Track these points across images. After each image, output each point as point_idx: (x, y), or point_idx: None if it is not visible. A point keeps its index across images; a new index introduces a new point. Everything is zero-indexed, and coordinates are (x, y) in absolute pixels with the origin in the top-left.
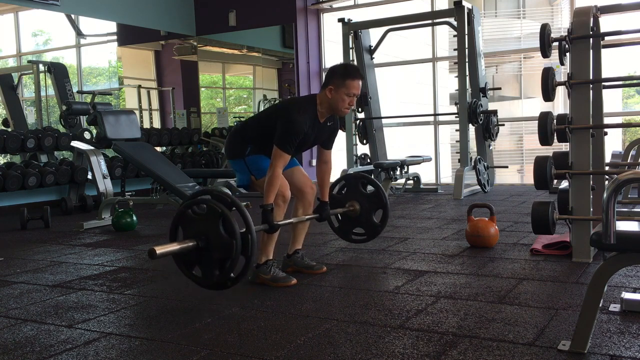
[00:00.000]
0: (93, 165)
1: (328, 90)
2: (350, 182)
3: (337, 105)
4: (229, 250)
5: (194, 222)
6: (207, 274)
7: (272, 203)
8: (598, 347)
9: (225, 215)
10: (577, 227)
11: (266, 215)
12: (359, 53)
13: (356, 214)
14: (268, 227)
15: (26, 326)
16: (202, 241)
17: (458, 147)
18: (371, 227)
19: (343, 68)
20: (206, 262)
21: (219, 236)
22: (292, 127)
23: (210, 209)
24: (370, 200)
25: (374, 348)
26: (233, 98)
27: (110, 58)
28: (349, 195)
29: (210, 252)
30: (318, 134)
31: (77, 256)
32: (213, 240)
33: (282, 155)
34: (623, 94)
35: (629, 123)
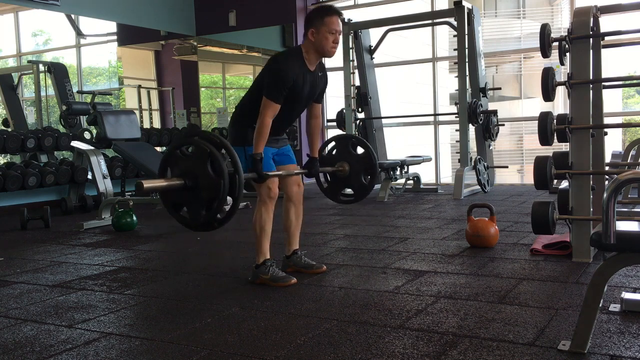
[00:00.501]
0: (93, 165)
1: (310, 34)
2: (340, 142)
3: (323, 46)
4: (217, 190)
5: (183, 162)
6: (194, 214)
7: (261, 152)
8: (598, 347)
9: (214, 155)
10: (577, 227)
11: (255, 164)
12: (359, 53)
13: (345, 174)
14: (257, 176)
15: (26, 326)
16: (189, 180)
17: (458, 147)
18: (360, 188)
19: (319, 9)
20: (193, 202)
21: (207, 176)
22: (278, 74)
23: (199, 148)
24: (359, 161)
25: (374, 348)
26: (233, 98)
27: (110, 58)
28: (339, 156)
29: (197, 192)
30: (311, 86)
31: (77, 256)
32: (201, 179)
33: (270, 104)
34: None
35: (629, 123)
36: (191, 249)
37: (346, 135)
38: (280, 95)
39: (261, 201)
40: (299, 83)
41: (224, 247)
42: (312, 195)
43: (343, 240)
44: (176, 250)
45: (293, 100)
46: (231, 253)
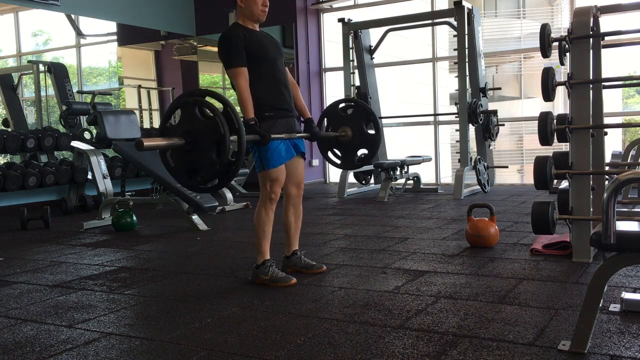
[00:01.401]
0: (93, 165)
1: (239, 2)
2: (357, 110)
3: (252, 10)
4: (217, 130)
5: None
6: (209, 168)
7: (253, 117)
8: (598, 347)
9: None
10: (577, 227)
11: (252, 128)
12: (359, 53)
13: (349, 138)
14: (259, 138)
15: (26, 326)
16: (188, 136)
17: (458, 147)
18: (349, 160)
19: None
20: (204, 157)
21: (209, 155)
22: (227, 40)
23: (184, 104)
24: (364, 138)
25: (374, 348)
26: (233, 98)
27: (110, 58)
28: (349, 119)
29: (201, 144)
30: (269, 42)
31: (77, 256)
32: (202, 153)
33: (235, 70)
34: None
35: (629, 123)
36: (191, 249)
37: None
38: (238, 57)
39: (262, 202)
40: (253, 42)
41: (224, 247)
42: (312, 195)
43: (343, 240)
44: (176, 250)
45: (263, 59)
46: (231, 253)
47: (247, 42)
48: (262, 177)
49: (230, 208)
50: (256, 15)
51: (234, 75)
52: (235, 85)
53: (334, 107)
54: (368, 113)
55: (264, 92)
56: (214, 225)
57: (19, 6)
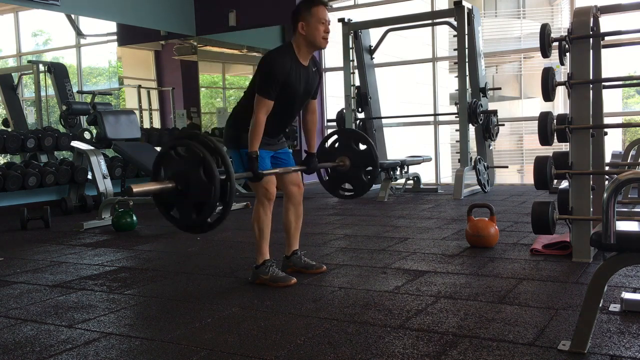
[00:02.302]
0: (93, 165)
1: (300, 27)
2: (342, 137)
3: (315, 37)
4: (207, 196)
5: (176, 164)
6: (184, 216)
7: (256, 151)
8: (598, 347)
9: (206, 160)
10: (577, 227)
11: (251, 162)
12: (359, 53)
13: (345, 169)
14: (252, 175)
15: (26, 326)
16: (181, 183)
17: (458, 147)
18: (360, 184)
19: (304, 1)
20: (184, 204)
21: (199, 180)
22: (269, 69)
23: (192, 152)
24: (361, 157)
25: (374, 348)
26: (233, 98)
27: (110, 58)
28: (340, 150)
29: (188, 195)
30: (306, 82)
31: (77, 256)
32: (192, 183)
33: (263, 101)
34: (623, 94)
35: (629, 123)
36: (191, 249)
37: (349, 130)
38: (272, 91)
39: (259, 202)
40: (292, 79)
41: (224, 247)
42: (312, 195)
43: (343, 240)
44: (176, 250)
45: (288, 97)
46: (231, 253)
47: (287, 76)
48: (253, 186)
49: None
50: (318, 43)
51: (259, 103)
52: (255, 110)
53: (322, 150)
54: (374, 162)
55: (268, 122)
56: None
57: (19, 6)
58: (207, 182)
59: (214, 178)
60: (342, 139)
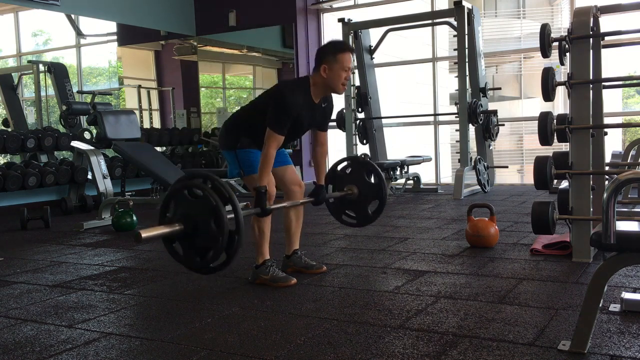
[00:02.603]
0: (93, 165)
1: (322, 70)
2: (355, 165)
3: (335, 83)
4: (214, 244)
5: (186, 205)
6: (188, 257)
7: (265, 185)
8: (598, 347)
9: (219, 210)
10: (577, 227)
11: (259, 198)
12: (359, 53)
13: (353, 198)
14: (260, 211)
15: (26, 326)
16: (189, 227)
17: (458, 147)
18: (364, 215)
19: (332, 45)
20: (189, 246)
21: (208, 228)
22: (284, 106)
23: (206, 198)
24: (369, 189)
25: (374, 348)
26: (233, 98)
27: (110, 58)
28: (351, 177)
29: (195, 239)
30: (313, 116)
31: (77, 256)
32: (201, 229)
33: (274, 136)
34: (623, 94)
35: (629, 123)
36: None
37: (363, 160)
38: (285, 128)
39: None
40: (302, 114)
41: None
42: None
43: (343, 240)
44: None
45: (294, 128)
46: None
47: (299, 113)
48: (249, 181)
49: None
50: (337, 89)
51: (270, 137)
52: (265, 142)
53: (333, 172)
54: (382, 197)
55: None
56: None
57: (19, 6)
58: (217, 232)
59: (223, 229)
60: (354, 167)
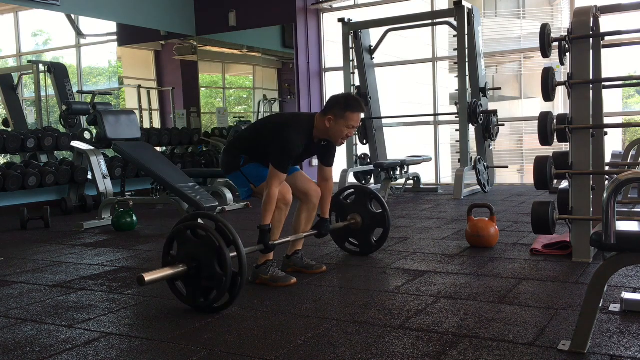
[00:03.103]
0: (93, 165)
1: (327, 119)
2: (359, 194)
3: (335, 136)
4: (218, 284)
5: (190, 245)
6: (191, 296)
7: (269, 224)
8: (598, 347)
9: (222, 251)
10: (577, 227)
11: (263, 236)
12: (359, 53)
13: (357, 227)
14: (264, 248)
15: (26, 326)
16: (193, 268)
17: (458, 147)
18: (367, 244)
19: (345, 99)
20: (193, 285)
21: (211, 269)
22: (288, 148)
23: (209, 239)
24: (373, 219)
25: (374, 348)
26: (233, 98)
27: (110, 58)
28: (354, 206)
29: (198, 279)
30: (308, 151)
31: (77, 256)
32: (204, 270)
33: (278, 174)
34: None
35: (629, 123)
36: None
37: (369, 190)
38: (288, 167)
39: (276, 207)
40: (304, 152)
41: None
42: None
43: None
44: None
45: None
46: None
47: (302, 152)
48: (259, 192)
49: (230, 208)
50: (335, 141)
51: (274, 176)
52: (268, 181)
53: (337, 200)
54: (369, 193)
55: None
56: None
57: (19, 6)
58: (220, 274)
59: (226, 270)
60: (358, 195)
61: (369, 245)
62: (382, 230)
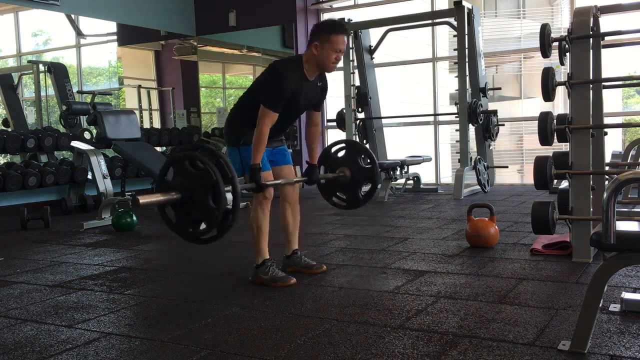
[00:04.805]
0: (93, 165)
1: (314, 47)
2: (350, 149)
3: (324, 62)
4: (209, 218)
5: (186, 175)
6: (180, 225)
7: (259, 162)
8: (598, 347)
9: (218, 186)
10: (577, 227)
11: (254, 174)
12: (359, 53)
13: (345, 180)
14: (255, 186)
15: (26, 326)
16: (187, 197)
17: (458, 147)
18: (354, 198)
19: (328, 24)
20: (183, 214)
21: (205, 202)
22: (277, 83)
23: (207, 173)
24: (362, 173)
25: (374, 348)
26: (233, 98)
27: (110, 58)
28: (344, 160)
29: (190, 210)
30: (308, 95)
31: (77, 256)
32: (197, 202)
33: (268, 113)
34: (623, 94)
35: (629, 123)
36: (191, 249)
37: (358, 144)
38: (279, 105)
39: (257, 202)
40: (297, 92)
41: (224, 247)
42: (312, 195)
43: (343, 240)
44: (176, 251)
45: (290, 108)
46: (231, 253)
47: (294, 92)
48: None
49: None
50: (326, 68)
51: (264, 114)
52: (259, 120)
53: (327, 153)
54: (374, 182)
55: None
56: None
57: (19, 6)
58: (214, 208)
59: (220, 204)
60: (349, 150)
61: (356, 200)
62: (371, 185)
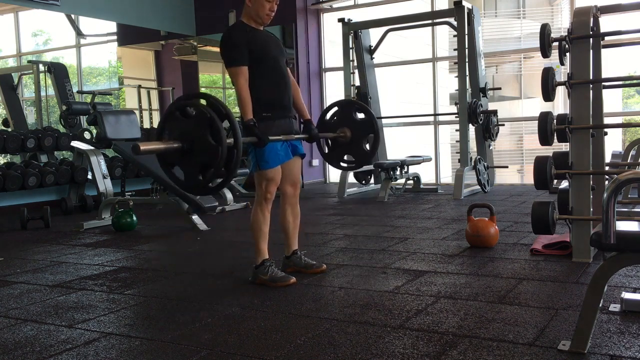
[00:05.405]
0: (93, 165)
1: (247, 1)
2: (342, 108)
3: (258, 12)
4: (214, 158)
5: (182, 124)
6: (189, 177)
7: (252, 118)
8: (598, 347)
9: (215, 123)
10: (577, 227)
11: (251, 129)
12: (359, 53)
13: (346, 140)
14: (257, 140)
15: (26, 326)
16: (187, 144)
17: (458, 147)
18: (361, 154)
19: None
20: (189, 165)
21: (205, 142)
22: (228, 40)
23: (201, 114)
24: (361, 127)
25: (374, 348)
26: (232, 98)
27: (110, 58)
28: (341, 121)
29: (194, 156)
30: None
31: (77, 256)
32: (199, 145)
33: (236, 69)
34: (623, 94)
35: (629, 123)
36: (191, 249)
37: (347, 100)
38: (239, 56)
39: (257, 202)
40: (256, 39)
41: (224, 247)
42: (312, 195)
43: (343, 240)
44: (176, 250)
45: (264, 57)
46: (231, 253)
47: (249, 40)
48: (258, 177)
49: (230, 208)
50: (261, 17)
51: (234, 74)
52: (234, 84)
53: (323, 122)
54: (374, 130)
55: (264, 91)
56: (214, 225)
57: (19, 6)
58: (215, 145)
59: (221, 141)
60: (341, 110)
61: (364, 155)
62: (372, 134)
